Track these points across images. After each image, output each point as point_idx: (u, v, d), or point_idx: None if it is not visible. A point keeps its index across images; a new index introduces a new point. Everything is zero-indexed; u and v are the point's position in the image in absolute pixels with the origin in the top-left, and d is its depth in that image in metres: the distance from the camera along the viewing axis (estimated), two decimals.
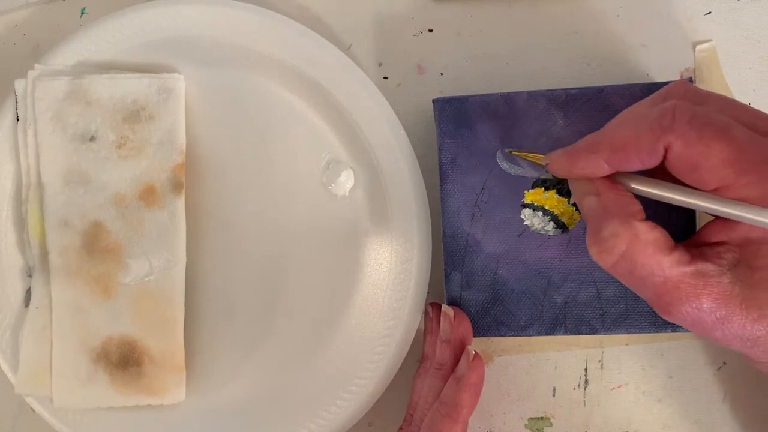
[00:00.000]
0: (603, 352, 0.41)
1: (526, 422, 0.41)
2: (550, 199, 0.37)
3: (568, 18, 0.42)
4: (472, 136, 0.38)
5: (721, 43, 0.41)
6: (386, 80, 0.43)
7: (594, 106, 0.37)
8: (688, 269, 0.28)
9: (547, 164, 0.34)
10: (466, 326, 0.38)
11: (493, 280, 0.38)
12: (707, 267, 0.28)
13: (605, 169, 0.30)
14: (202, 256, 0.42)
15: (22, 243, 0.42)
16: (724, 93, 0.41)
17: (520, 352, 0.41)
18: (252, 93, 0.42)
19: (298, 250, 0.42)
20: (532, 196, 0.38)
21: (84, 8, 0.44)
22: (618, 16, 0.41)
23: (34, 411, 0.41)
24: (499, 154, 0.38)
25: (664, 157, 0.29)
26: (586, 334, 0.38)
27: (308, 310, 0.41)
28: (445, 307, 0.38)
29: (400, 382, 0.41)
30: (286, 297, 0.42)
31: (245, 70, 0.42)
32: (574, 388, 0.41)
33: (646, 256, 0.28)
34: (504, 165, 0.37)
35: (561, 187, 0.37)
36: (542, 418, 0.41)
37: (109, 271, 0.40)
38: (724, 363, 0.41)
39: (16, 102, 0.41)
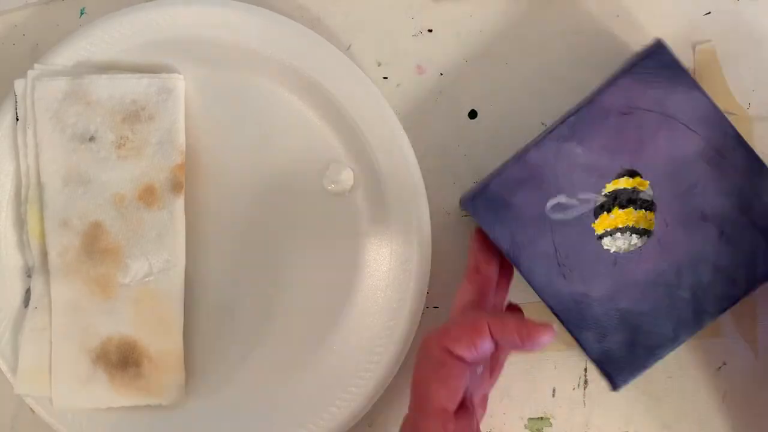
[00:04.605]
0: None
1: (526, 422, 0.41)
2: (618, 217, 0.37)
3: (568, 18, 0.42)
4: (515, 214, 0.37)
5: (721, 43, 0.41)
6: (386, 80, 0.43)
7: (597, 119, 0.37)
8: None
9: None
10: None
11: (620, 317, 0.37)
12: None
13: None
14: (202, 257, 0.42)
15: (22, 243, 0.42)
16: (723, 93, 0.41)
17: (520, 352, 0.41)
18: (252, 93, 0.42)
19: (297, 250, 0.42)
20: (601, 224, 0.37)
21: (83, 8, 0.44)
22: (618, 16, 0.41)
23: (33, 411, 0.41)
24: (547, 209, 0.37)
25: None
26: (732, 305, 0.36)
27: (307, 310, 0.41)
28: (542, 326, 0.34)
29: (400, 382, 0.41)
30: (285, 298, 0.42)
31: (245, 71, 0.42)
32: (574, 388, 0.41)
33: None
34: (558, 216, 0.37)
35: (619, 201, 0.37)
36: (542, 418, 0.41)
37: (109, 272, 0.40)
38: (724, 363, 0.41)
39: (16, 102, 0.41)
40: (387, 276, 0.41)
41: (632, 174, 0.37)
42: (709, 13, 0.41)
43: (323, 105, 0.41)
